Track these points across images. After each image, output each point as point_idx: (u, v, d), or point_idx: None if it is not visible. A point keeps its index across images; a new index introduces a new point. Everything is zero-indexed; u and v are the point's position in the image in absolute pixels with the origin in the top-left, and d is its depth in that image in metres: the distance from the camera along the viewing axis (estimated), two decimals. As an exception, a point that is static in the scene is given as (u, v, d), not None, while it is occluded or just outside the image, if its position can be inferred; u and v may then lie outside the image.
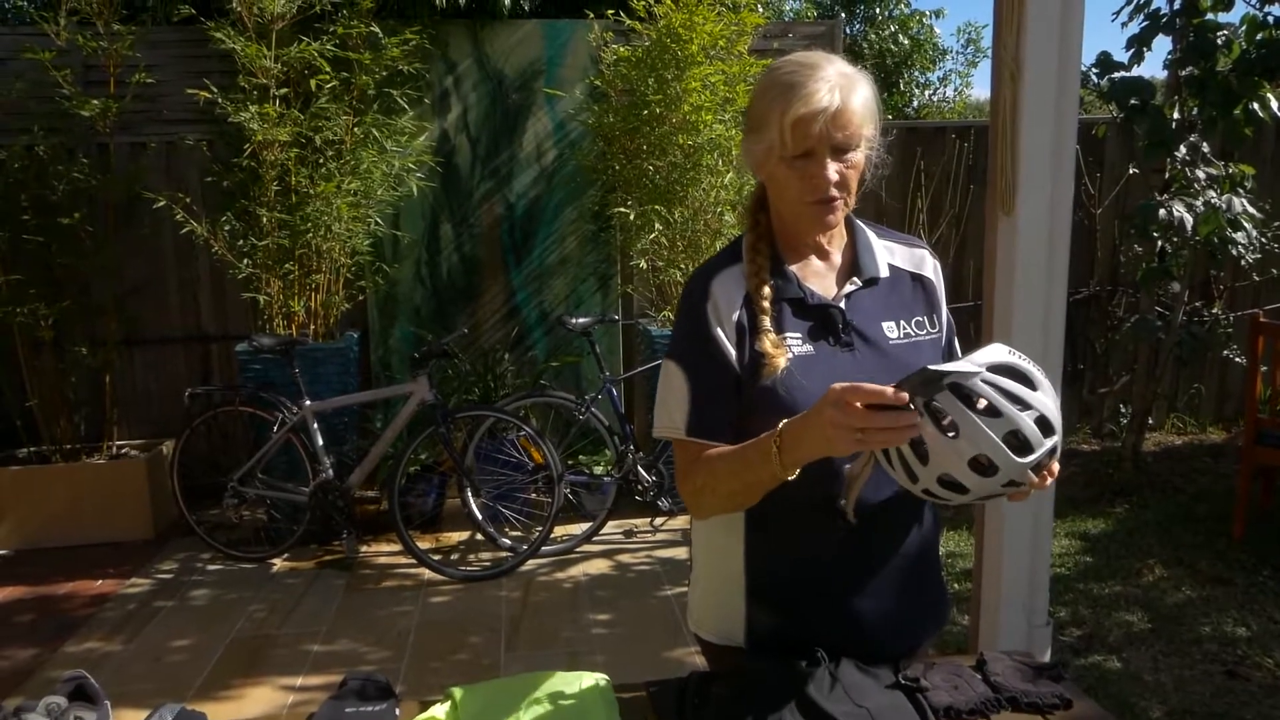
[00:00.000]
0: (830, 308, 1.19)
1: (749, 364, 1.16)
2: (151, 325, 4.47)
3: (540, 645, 3.02)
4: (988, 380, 0.96)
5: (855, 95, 1.12)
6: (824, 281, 1.22)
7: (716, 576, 1.28)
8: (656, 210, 3.87)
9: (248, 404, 3.78)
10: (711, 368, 1.17)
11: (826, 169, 1.11)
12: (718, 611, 1.27)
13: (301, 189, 3.95)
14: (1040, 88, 1.94)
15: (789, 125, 1.10)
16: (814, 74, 1.10)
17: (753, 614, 1.23)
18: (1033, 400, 0.97)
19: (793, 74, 1.11)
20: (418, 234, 4.48)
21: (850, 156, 1.13)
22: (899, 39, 8.61)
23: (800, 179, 1.13)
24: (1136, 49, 3.96)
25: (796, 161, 1.12)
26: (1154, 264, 4.15)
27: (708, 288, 1.19)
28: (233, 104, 3.81)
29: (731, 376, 1.16)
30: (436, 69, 4.37)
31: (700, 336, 1.18)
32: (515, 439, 3.89)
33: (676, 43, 3.85)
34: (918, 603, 1.25)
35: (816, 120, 1.09)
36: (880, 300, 1.22)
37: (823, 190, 1.12)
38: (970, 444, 0.96)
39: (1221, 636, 2.94)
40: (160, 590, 3.52)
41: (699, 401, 1.17)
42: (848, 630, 1.19)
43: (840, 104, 1.09)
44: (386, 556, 3.80)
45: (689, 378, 1.18)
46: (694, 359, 1.18)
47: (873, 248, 1.25)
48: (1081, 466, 4.66)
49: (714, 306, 1.18)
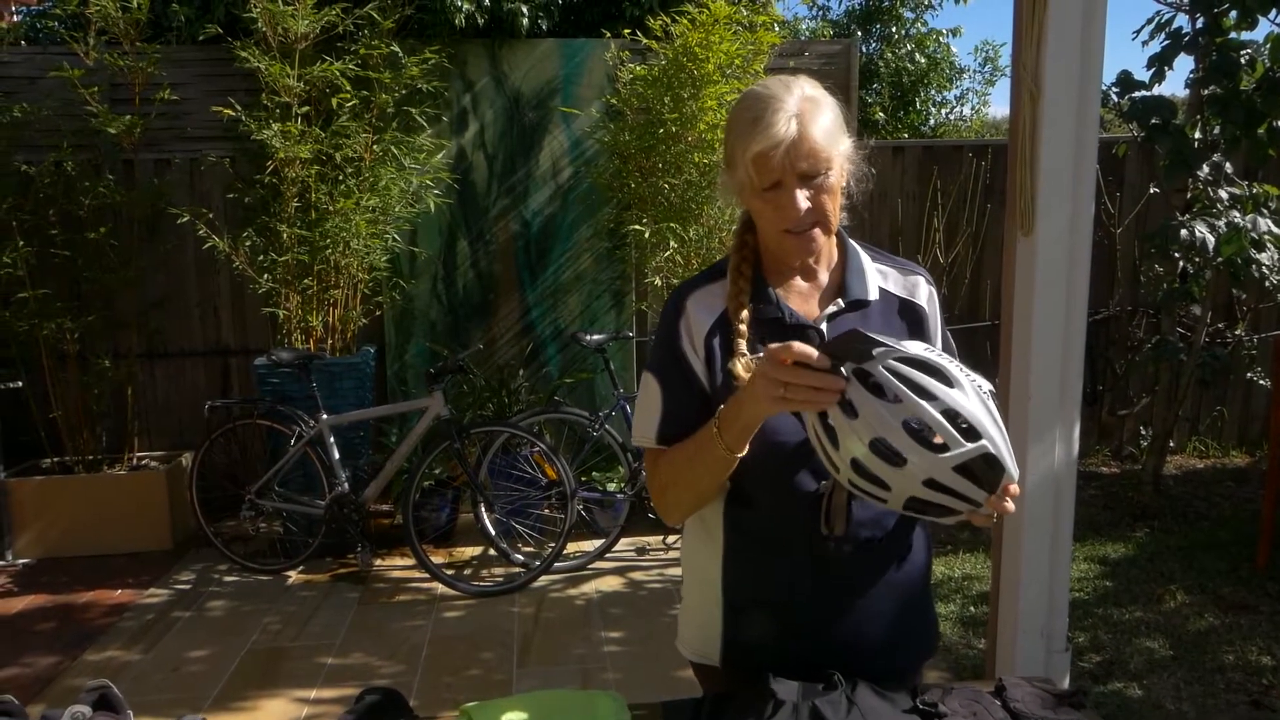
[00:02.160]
0: (809, 329, 1.19)
1: (722, 384, 1.17)
2: (173, 339, 4.53)
3: (552, 662, 3.00)
4: (889, 367, 0.95)
5: (815, 122, 1.11)
6: (807, 303, 1.22)
7: (696, 594, 1.30)
8: (671, 228, 3.89)
9: (266, 417, 3.81)
10: (680, 381, 1.20)
11: (796, 199, 1.11)
12: (697, 629, 1.30)
13: (321, 205, 4.00)
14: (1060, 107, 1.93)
15: (750, 161, 1.11)
16: (770, 106, 1.10)
17: (729, 633, 1.25)
18: (941, 394, 0.95)
19: (751, 108, 1.12)
20: (434, 250, 4.52)
21: (821, 181, 1.12)
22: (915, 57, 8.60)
23: (773, 210, 1.14)
24: (1158, 68, 3.93)
25: (767, 194, 1.13)
26: (1175, 285, 4.10)
27: (682, 304, 1.22)
28: (255, 122, 3.87)
29: (699, 391, 1.19)
30: (455, 87, 4.42)
31: (671, 351, 1.21)
32: (529, 455, 3.89)
33: (693, 62, 3.87)
34: (900, 630, 1.24)
35: (775, 153, 1.09)
36: (865, 324, 1.20)
37: (793, 219, 1.13)
38: (867, 426, 0.95)
39: (1246, 665, 2.88)
40: (178, 601, 3.55)
41: (669, 412, 1.20)
42: (824, 655, 1.18)
43: (798, 133, 1.09)
44: (400, 570, 3.81)
45: (662, 389, 1.21)
46: (666, 371, 1.21)
47: (864, 270, 1.24)
48: (1101, 489, 4.60)
49: (686, 323, 1.20)
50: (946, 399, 0.95)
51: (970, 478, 0.96)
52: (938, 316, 1.28)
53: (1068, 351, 2.00)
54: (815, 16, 9.39)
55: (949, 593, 3.49)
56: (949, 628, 3.20)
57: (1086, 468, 4.88)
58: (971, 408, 0.96)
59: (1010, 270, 2.05)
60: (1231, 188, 3.94)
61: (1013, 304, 2.05)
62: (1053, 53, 1.91)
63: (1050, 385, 1.99)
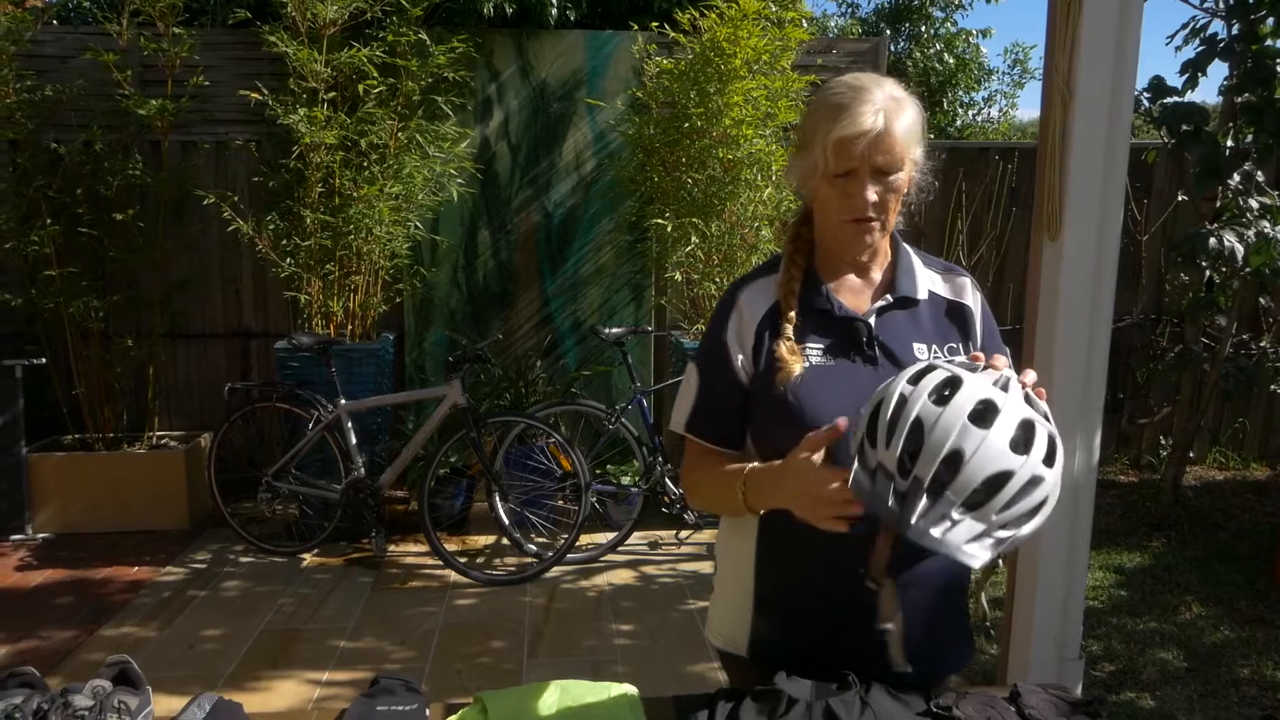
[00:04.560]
0: (857, 321, 1.21)
1: (764, 370, 1.20)
2: (195, 320, 4.57)
3: (562, 653, 3.02)
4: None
5: (900, 120, 1.14)
6: (858, 298, 1.25)
7: (729, 581, 1.31)
8: (693, 223, 3.88)
9: (285, 401, 3.84)
10: (716, 372, 1.24)
11: (866, 190, 1.15)
12: (728, 618, 1.31)
13: (345, 191, 4.02)
14: (1092, 112, 1.91)
15: (831, 145, 1.14)
16: (861, 97, 1.14)
17: (757, 624, 1.26)
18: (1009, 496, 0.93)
19: (841, 95, 1.15)
20: (456, 239, 4.54)
21: (891, 179, 1.15)
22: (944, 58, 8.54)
23: (840, 197, 1.16)
24: (1191, 74, 3.88)
25: (838, 180, 1.16)
26: (1201, 294, 4.06)
27: (735, 296, 1.26)
28: (282, 106, 3.89)
29: (735, 383, 1.22)
30: (481, 76, 4.43)
31: (714, 342, 1.25)
32: (544, 446, 3.90)
33: (720, 56, 3.86)
34: (934, 637, 1.23)
35: (859, 142, 1.12)
36: (915, 322, 1.23)
37: (860, 210, 1.16)
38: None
39: (1261, 680, 2.85)
40: (194, 579, 3.59)
41: (701, 402, 1.25)
42: (852, 658, 1.17)
43: (883, 128, 1.12)
44: (414, 557, 3.84)
45: (699, 379, 1.27)
46: (706, 362, 1.26)
47: (914, 271, 1.27)
48: (1119, 498, 4.57)
49: (738, 314, 1.24)
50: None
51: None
52: (985, 314, 1.30)
53: (1091, 358, 1.99)
54: (844, 14, 9.34)
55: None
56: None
57: (1105, 476, 4.85)
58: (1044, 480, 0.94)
59: (1035, 275, 2.04)
60: (1262, 197, 3.88)
61: (1037, 309, 2.04)
62: (1086, 57, 1.89)
63: (1073, 392, 1.98)
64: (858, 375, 1.18)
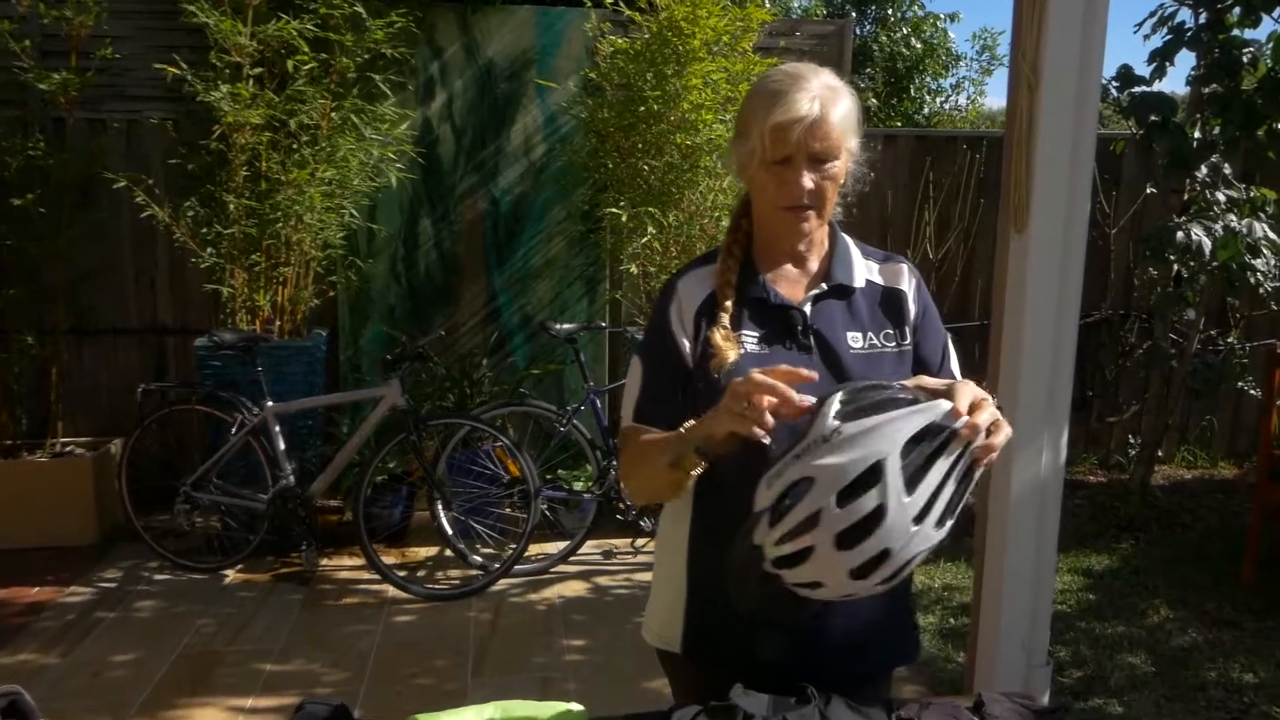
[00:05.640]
0: (792, 309, 1.29)
1: (701, 357, 1.26)
2: (104, 315, 4.43)
3: (509, 671, 3.00)
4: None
5: (836, 108, 1.21)
6: (794, 287, 1.32)
7: (663, 574, 1.37)
8: (650, 212, 3.88)
9: (205, 403, 3.76)
10: (662, 362, 1.29)
11: (802, 177, 1.21)
12: (661, 613, 1.36)
13: (273, 175, 3.94)
14: (1059, 98, 1.96)
15: (768, 130, 1.20)
16: (798, 84, 1.21)
17: (691, 619, 1.31)
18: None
19: (778, 83, 1.22)
20: (395, 228, 4.48)
21: (828, 167, 1.23)
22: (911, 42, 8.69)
23: (777, 184, 1.23)
24: (1159, 63, 4.01)
25: (775, 167, 1.22)
26: (1169, 289, 4.19)
27: (674, 285, 1.33)
28: (203, 82, 3.80)
29: (681, 371, 1.28)
30: (422, 54, 4.37)
31: (659, 332, 1.31)
32: (491, 450, 3.88)
33: (678, 37, 3.86)
34: (872, 630, 1.30)
35: (795, 128, 1.19)
36: (850, 311, 1.31)
37: (796, 197, 1.23)
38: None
39: (1228, 683, 2.96)
40: (102, 600, 3.49)
41: (647, 391, 1.30)
42: (787, 651, 1.24)
43: (819, 114, 1.19)
44: (348, 571, 3.78)
45: (644, 370, 1.31)
46: (650, 352, 1.32)
47: (851, 260, 1.34)
48: (1088, 499, 4.70)
49: (677, 304, 1.31)
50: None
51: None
52: (920, 296, 1.36)
53: (1058, 354, 2.03)
54: (807, -6, 9.44)
55: (929, 604, 3.54)
56: (928, 640, 3.25)
57: (1073, 476, 4.98)
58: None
59: (1002, 268, 2.09)
60: (1229, 190, 4.03)
61: (1003, 303, 2.08)
62: (1053, 42, 1.93)
63: (1039, 389, 2.03)
64: (792, 363, 1.20)
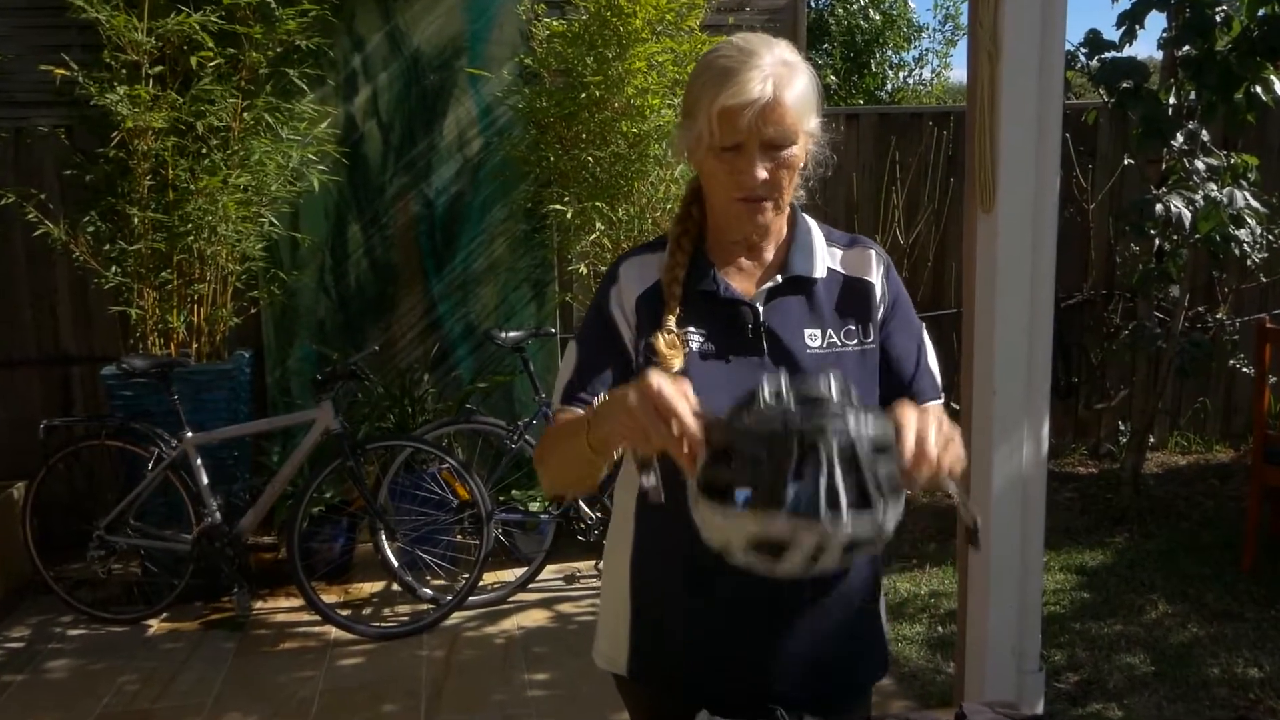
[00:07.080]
0: (742, 305, 1.25)
1: (643, 359, 1.24)
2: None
3: (468, 711, 2.99)
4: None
5: (790, 88, 1.16)
6: (747, 280, 1.29)
7: (608, 594, 1.36)
8: (598, 207, 3.89)
9: (116, 437, 3.69)
10: (598, 342, 1.28)
11: (755, 166, 1.17)
12: (607, 633, 1.35)
13: (180, 184, 3.88)
14: (1021, 68, 1.99)
15: (716, 115, 1.15)
16: (749, 61, 1.15)
17: (636, 640, 1.30)
18: None
19: (728, 58, 1.17)
20: (320, 236, 4.42)
21: (784, 154, 1.18)
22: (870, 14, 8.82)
23: (727, 173, 1.19)
24: (1128, 26, 4.10)
25: (725, 154, 1.18)
26: (1152, 265, 4.29)
27: (616, 270, 1.31)
28: (97, 84, 3.73)
29: (618, 354, 1.26)
30: (341, 45, 4.33)
31: (598, 316, 1.29)
32: (437, 473, 3.85)
33: (618, 16, 3.87)
34: (828, 649, 1.27)
35: (745, 113, 1.14)
36: (808, 305, 1.27)
37: (749, 188, 1.18)
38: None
39: (1232, 679, 3.03)
40: (8, 662, 3.41)
41: (580, 372, 1.27)
42: (735, 674, 1.23)
43: (772, 96, 1.14)
44: (286, 613, 3.74)
45: (579, 352, 1.30)
46: (586, 333, 1.31)
47: (812, 248, 1.30)
48: (1078, 492, 4.79)
49: (618, 289, 1.28)
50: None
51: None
52: (891, 286, 1.32)
53: (1034, 339, 2.07)
54: (758, -33, 9.52)
55: (915, 612, 3.58)
56: (915, 651, 3.28)
57: (1062, 468, 5.08)
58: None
59: (971, 251, 2.12)
60: (1209, 158, 4.13)
61: (974, 288, 2.11)
62: (1012, 8, 1.97)
63: (1016, 377, 2.06)
64: (740, 363, 1.22)
